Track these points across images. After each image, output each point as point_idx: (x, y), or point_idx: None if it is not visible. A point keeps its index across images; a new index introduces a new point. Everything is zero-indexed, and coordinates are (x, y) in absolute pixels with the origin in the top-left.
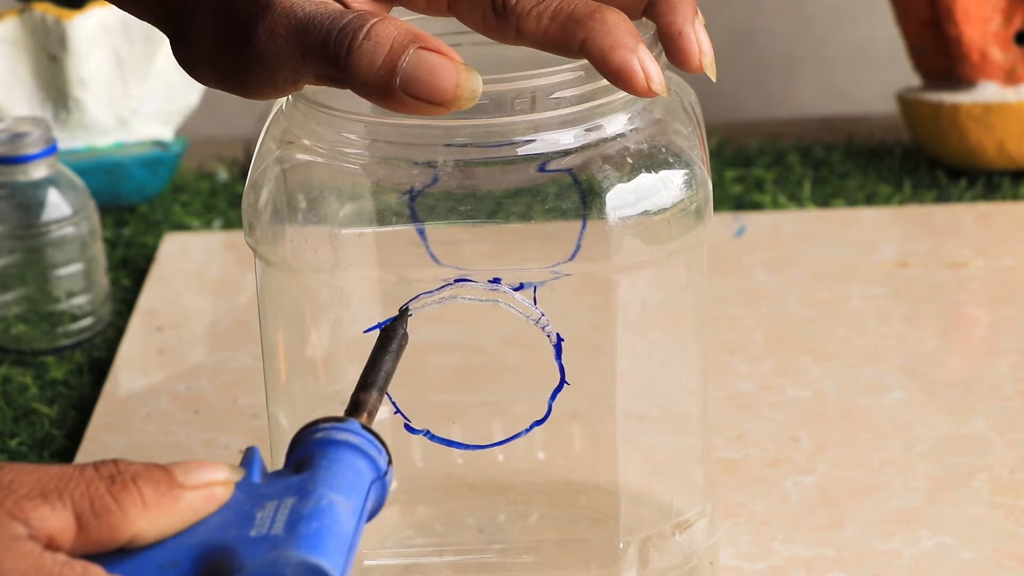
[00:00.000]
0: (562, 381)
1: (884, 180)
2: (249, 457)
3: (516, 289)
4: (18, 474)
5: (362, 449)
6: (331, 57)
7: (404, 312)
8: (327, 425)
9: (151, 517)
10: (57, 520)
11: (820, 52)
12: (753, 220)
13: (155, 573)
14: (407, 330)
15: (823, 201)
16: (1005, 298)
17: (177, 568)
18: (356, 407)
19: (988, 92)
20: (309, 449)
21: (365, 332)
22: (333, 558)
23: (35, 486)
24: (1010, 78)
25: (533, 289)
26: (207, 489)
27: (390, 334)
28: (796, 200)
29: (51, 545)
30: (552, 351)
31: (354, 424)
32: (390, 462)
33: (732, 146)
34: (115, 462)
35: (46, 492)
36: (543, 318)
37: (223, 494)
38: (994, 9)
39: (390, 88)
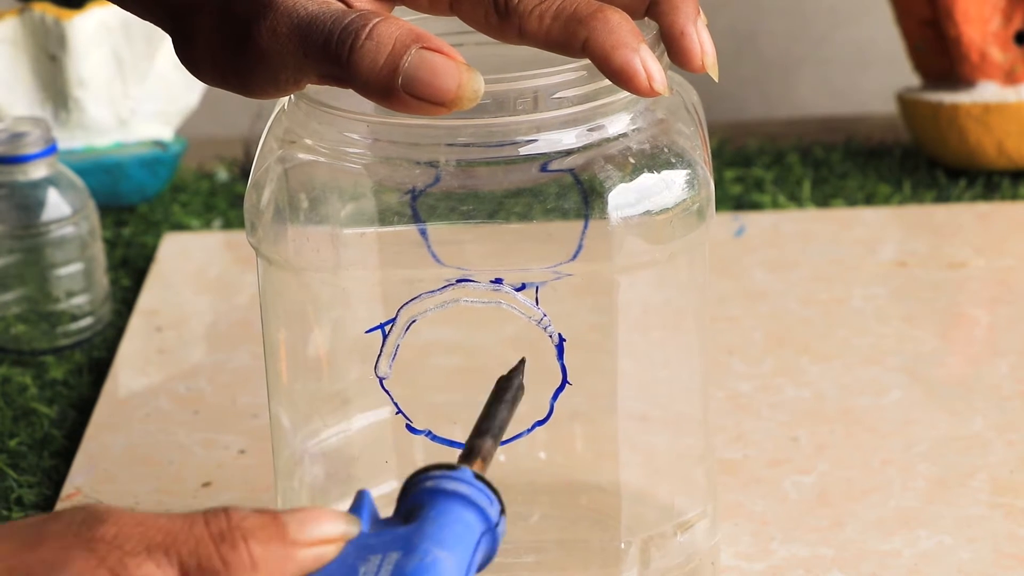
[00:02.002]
0: (564, 381)
1: (884, 180)
2: (359, 502)
3: (518, 289)
4: (122, 528)
5: (472, 500)
6: (333, 56)
7: (522, 363)
8: (438, 473)
9: None
10: None
11: (820, 52)
12: (753, 220)
13: None
14: (522, 380)
15: (823, 201)
16: (1005, 298)
17: None
18: (470, 453)
19: (988, 92)
20: (419, 498)
21: (367, 332)
22: None
23: (140, 540)
24: (1010, 78)
25: (535, 289)
26: (319, 548)
27: (505, 384)
28: (796, 200)
29: None
30: (554, 351)
31: (466, 473)
32: (503, 511)
33: (732, 146)
34: (226, 513)
35: (152, 547)
36: (545, 318)
37: (333, 553)
38: (994, 9)
39: (392, 88)
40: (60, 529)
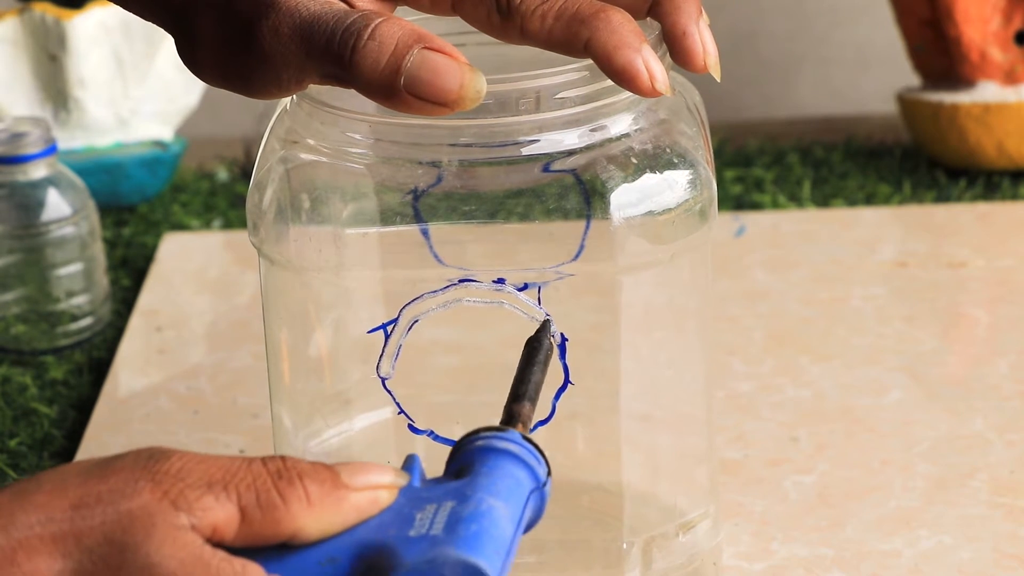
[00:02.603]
0: (566, 381)
1: (884, 180)
2: (410, 463)
3: (520, 289)
4: (186, 463)
5: (522, 459)
6: (335, 57)
7: (547, 322)
8: (488, 434)
9: (315, 515)
10: (221, 511)
11: (820, 52)
12: (753, 220)
13: (314, 569)
14: (551, 340)
15: (823, 201)
16: (1005, 298)
17: (336, 565)
18: (510, 419)
19: (988, 92)
20: (469, 456)
21: (369, 332)
22: (491, 559)
23: (202, 476)
24: (1010, 78)
25: (537, 289)
26: (372, 492)
27: (535, 345)
28: (796, 200)
29: (214, 535)
30: (556, 351)
31: (515, 434)
32: (549, 473)
33: (732, 146)
34: (283, 458)
35: (212, 482)
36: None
37: (387, 498)
38: (994, 9)
39: (394, 88)
40: (128, 463)
